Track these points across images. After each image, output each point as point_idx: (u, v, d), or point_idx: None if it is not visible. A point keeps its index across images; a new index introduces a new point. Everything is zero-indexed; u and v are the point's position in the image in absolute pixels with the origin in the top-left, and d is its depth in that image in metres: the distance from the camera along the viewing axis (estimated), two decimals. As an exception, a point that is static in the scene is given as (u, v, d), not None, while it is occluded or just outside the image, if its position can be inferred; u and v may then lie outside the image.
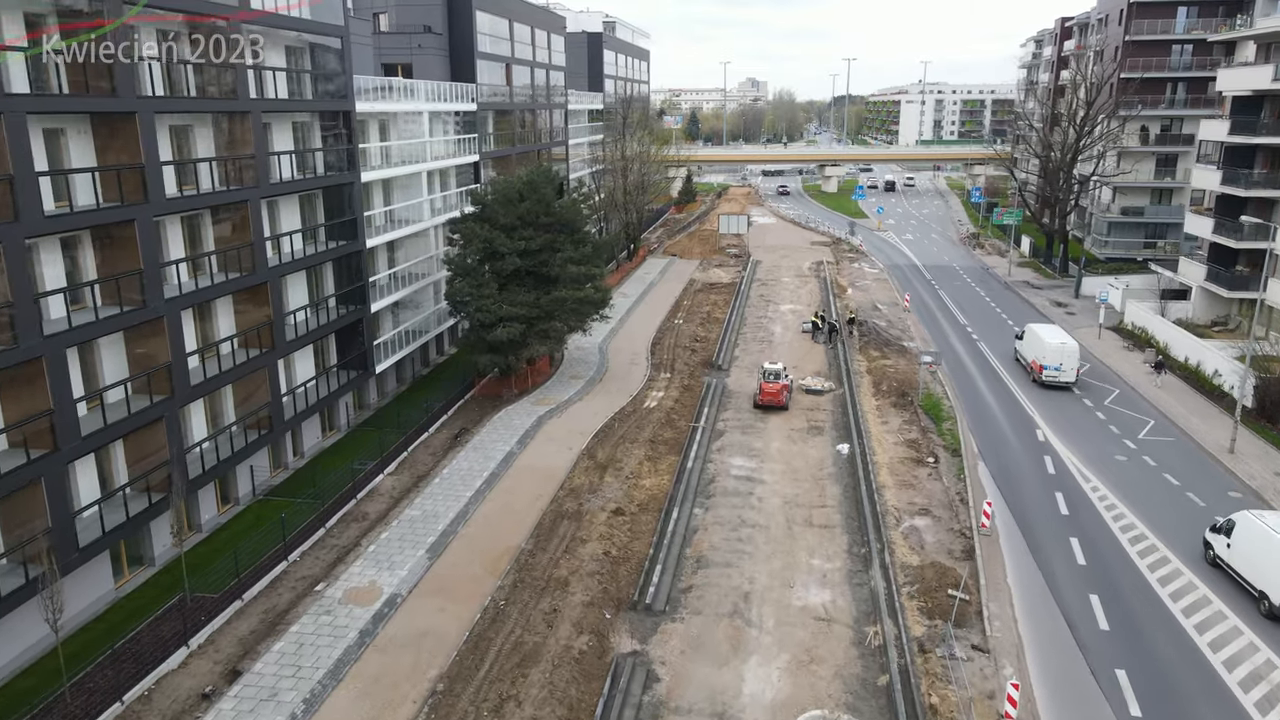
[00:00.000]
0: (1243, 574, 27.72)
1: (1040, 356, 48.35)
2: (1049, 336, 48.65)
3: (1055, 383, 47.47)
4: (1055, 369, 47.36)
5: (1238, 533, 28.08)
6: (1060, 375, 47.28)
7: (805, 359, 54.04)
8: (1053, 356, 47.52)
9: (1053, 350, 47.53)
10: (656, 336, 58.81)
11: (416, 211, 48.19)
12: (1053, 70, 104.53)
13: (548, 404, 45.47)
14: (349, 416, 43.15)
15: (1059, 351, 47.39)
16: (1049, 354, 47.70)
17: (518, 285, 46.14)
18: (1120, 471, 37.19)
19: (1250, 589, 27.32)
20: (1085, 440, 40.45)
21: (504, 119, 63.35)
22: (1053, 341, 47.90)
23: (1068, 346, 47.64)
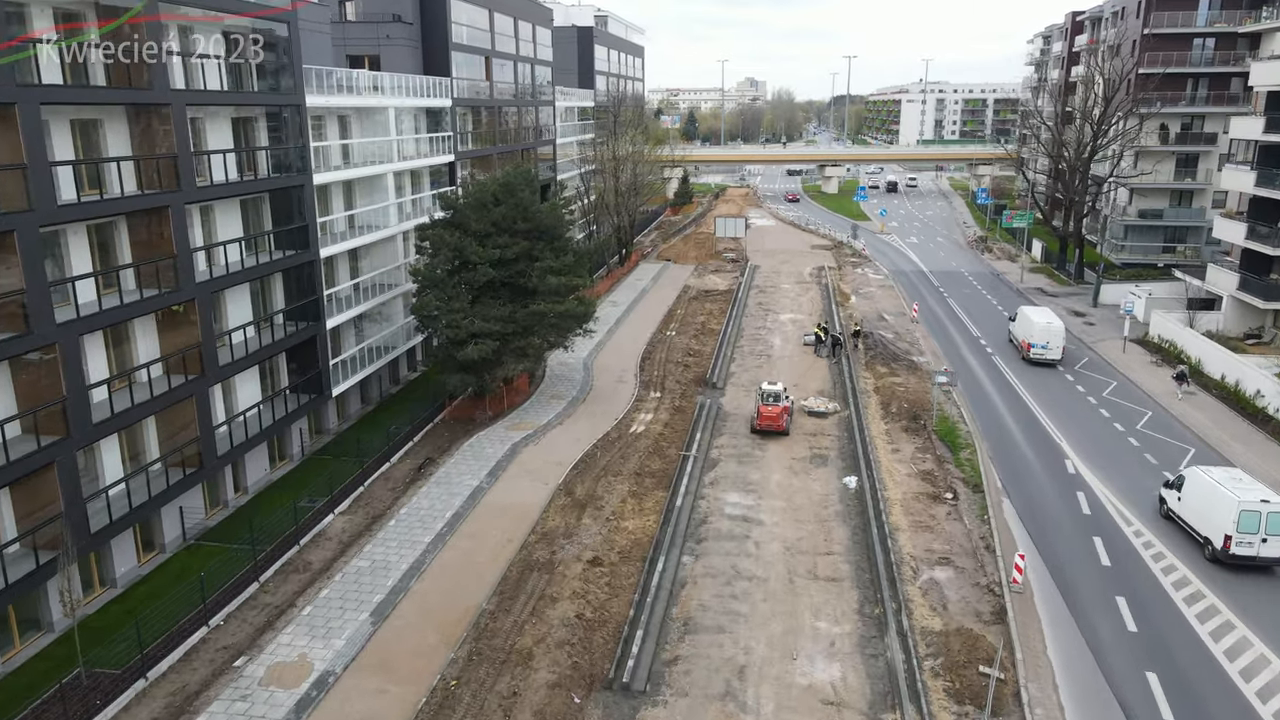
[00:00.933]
0: (1191, 523, 30.70)
1: (1029, 336, 52.24)
2: (1037, 318, 52.72)
3: (1043, 360, 51.33)
4: (1042, 347, 51.35)
5: (1187, 487, 31.17)
6: (1047, 353, 51.23)
7: (807, 375, 49.90)
8: (1040, 335, 51.42)
9: (1040, 330, 51.52)
10: (647, 350, 54.65)
11: (382, 216, 44.02)
12: (1063, 67, 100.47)
13: (524, 429, 41.31)
14: (303, 444, 38.97)
15: (1046, 331, 51.43)
16: (1037, 333, 51.60)
17: (492, 298, 42.01)
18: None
19: (1197, 536, 30.25)
20: (1120, 472, 36.31)
21: (484, 116, 59.19)
22: (1040, 322, 52.10)
23: (1054, 326, 51.67)
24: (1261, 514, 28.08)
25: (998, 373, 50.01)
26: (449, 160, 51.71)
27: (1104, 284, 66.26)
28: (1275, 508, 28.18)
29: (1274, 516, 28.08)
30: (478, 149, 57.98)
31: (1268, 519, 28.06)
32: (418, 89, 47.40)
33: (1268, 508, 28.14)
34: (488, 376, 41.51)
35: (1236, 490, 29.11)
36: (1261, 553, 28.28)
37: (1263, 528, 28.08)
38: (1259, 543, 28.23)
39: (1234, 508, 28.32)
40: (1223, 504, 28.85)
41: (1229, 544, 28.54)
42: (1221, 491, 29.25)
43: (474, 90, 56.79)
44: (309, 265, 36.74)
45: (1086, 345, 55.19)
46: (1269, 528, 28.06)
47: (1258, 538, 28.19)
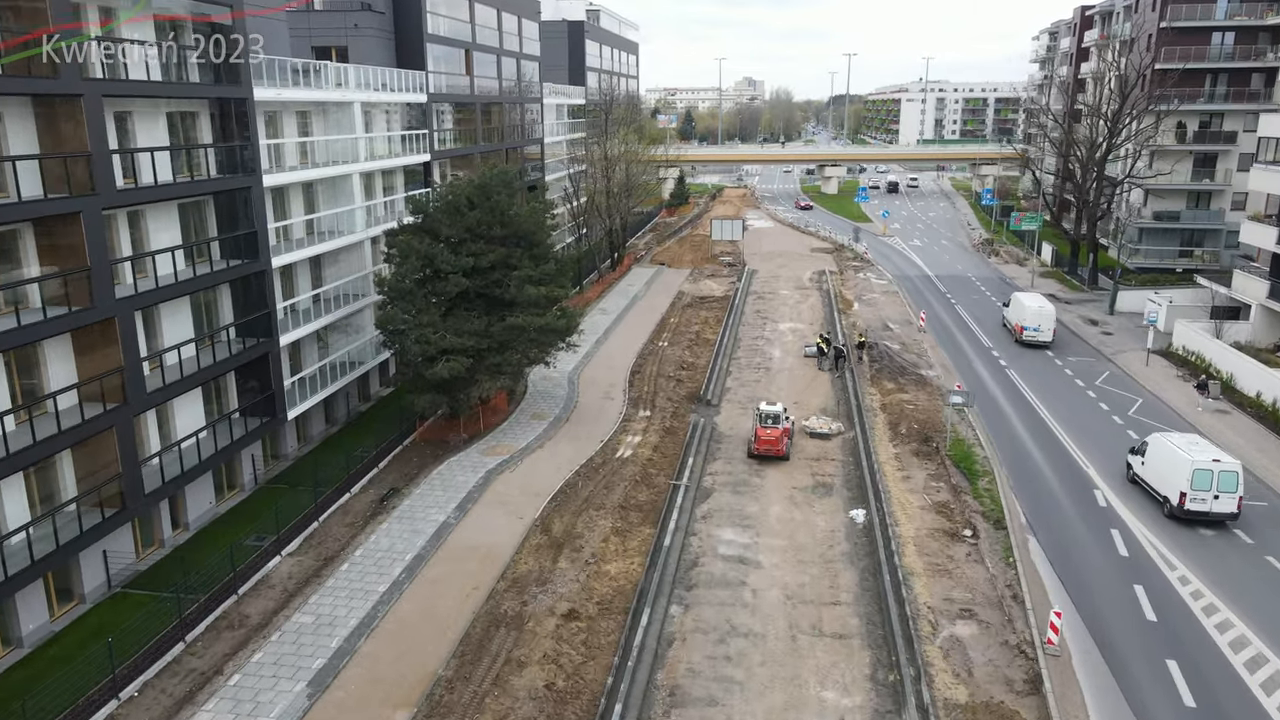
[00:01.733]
0: (1152, 484, 33.06)
1: (1021, 320, 54.75)
2: (1029, 303, 55.36)
3: (1034, 341, 53.81)
4: (1034, 330, 53.91)
5: (1149, 451, 33.63)
6: (1038, 335, 53.83)
7: (808, 391, 46.41)
8: (1032, 319, 53.99)
9: (1032, 313, 54.10)
10: (637, 363, 51.13)
11: (347, 221, 40.50)
12: (1071, 63, 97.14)
13: (500, 453, 37.79)
14: (256, 472, 35.44)
15: (1037, 314, 54.00)
16: (1029, 317, 54.18)
17: (466, 310, 38.54)
18: (1210, 552, 29.57)
19: (1156, 496, 32.65)
20: (1157, 506, 32.81)
21: (464, 113, 55.68)
22: (1032, 306, 54.72)
23: (1045, 310, 54.29)
24: (1213, 472, 30.62)
25: (1014, 390, 46.48)
26: (424, 160, 48.18)
27: (1121, 290, 62.75)
28: (1226, 467, 30.72)
29: (1225, 475, 30.60)
30: (458, 148, 54.47)
31: (1219, 477, 30.56)
32: (388, 83, 43.87)
33: (1219, 467, 30.69)
34: (461, 396, 38.02)
35: (1191, 452, 31.48)
36: (1214, 508, 30.72)
37: (1215, 485, 30.51)
38: (1211, 499, 30.64)
39: (1188, 467, 30.70)
40: (1179, 465, 31.22)
41: (1184, 501, 30.94)
42: (1178, 453, 31.62)
43: (453, 86, 53.28)
44: (259, 275, 33.20)
45: (1106, 357, 51.75)
46: (1221, 485, 30.50)
47: (1210, 494, 30.61)
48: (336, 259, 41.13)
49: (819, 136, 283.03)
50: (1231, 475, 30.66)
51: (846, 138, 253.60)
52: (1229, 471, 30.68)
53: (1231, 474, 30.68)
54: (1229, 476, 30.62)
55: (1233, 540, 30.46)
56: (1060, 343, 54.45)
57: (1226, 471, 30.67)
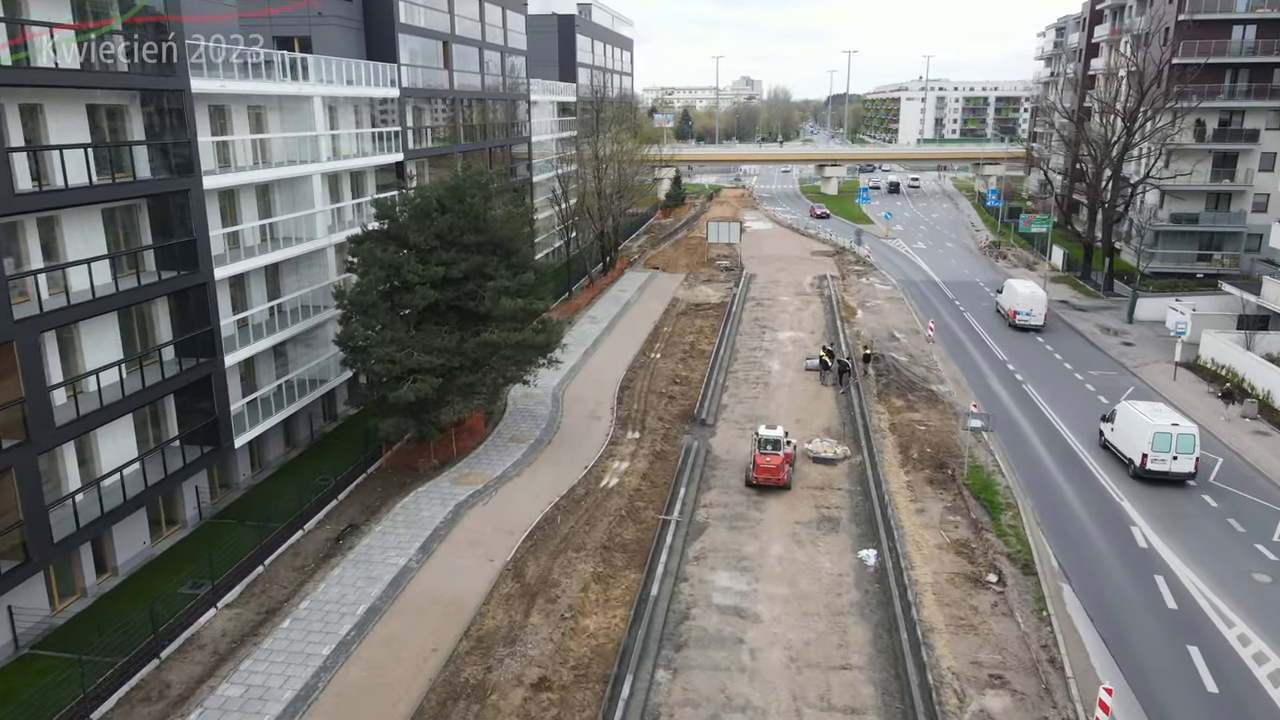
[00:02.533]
0: (1119, 448, 35.70)
1: (1014, 304, 57.52)
2: (1021, 289, 58.43)
3: (1027, 325, 56.58)
4: (1026, 314, 56.74)
5: (1118, 419, 36.29)
6: (1030, 319, 56.63)
7: (811, 408, 43.01)
8: (1024, 304, 56.85)
9: (1024, 298, 57.06)
10: (627, 377, 47.69)
11: (307, 226, 37.04)
12: (1080, 60, 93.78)
13: (473, 482, 34.32)
14: (200, 506, 31.99)
15: (1029, 299, 56.96)
16: (1021, 301, 56.97)
17: (436, 324, 35.11)
18: (1270, 603, 26.17)
19: (1123, 458, 35.24)
20: (1203, 546, 29.43)
21: (442, 110, 52.23)
22: (1024, 291, 57.83)
23: (1036, 294, 57.42)
24: (1172, 435, 33.32)
25: (1034, 408, 43.04)
26: (397, 160, 44.73)
27: (1140, 297, 59.36)
28: (1183, 430, 33.52)
29: (1183, 438, 33.33)
30: (436, 147, 51.05)
31: (1177, 439, 33.29)
32: (354, 76, 40.39)
33: (1177, 430, 33.46)
34: (430, 420, 34.56)
35: (1153, 417, 34.24)
36: (1172, 468, 33.42)
37: (1173, 447, 33.25)
38: (1170, 459, 33.34)
39: (1150, 431, 33.52)
40: (1142, 429, 34.02)
41: (1145, 461, 33.68)
42: (1142, 419, 34.37)
43: (430, 80, 49.83)
44: (200, 289, 29.72)
45: (1129, 370, 48.34)
46: (1179, 447, 33.26)
47: (1169, 455, 33.31)
48: (297, 267, 37.68)
49: (817, 136, 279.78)
50: (1189, 438, 33.46)
51: (846, 137, 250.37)
52: (1186, 434, 33.51)
53: (1189, 436, 33.49)
54: (1186, 439, 33.44)
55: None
56: (1080, 356, 51.08)
57: (1184, 434, 33.48)
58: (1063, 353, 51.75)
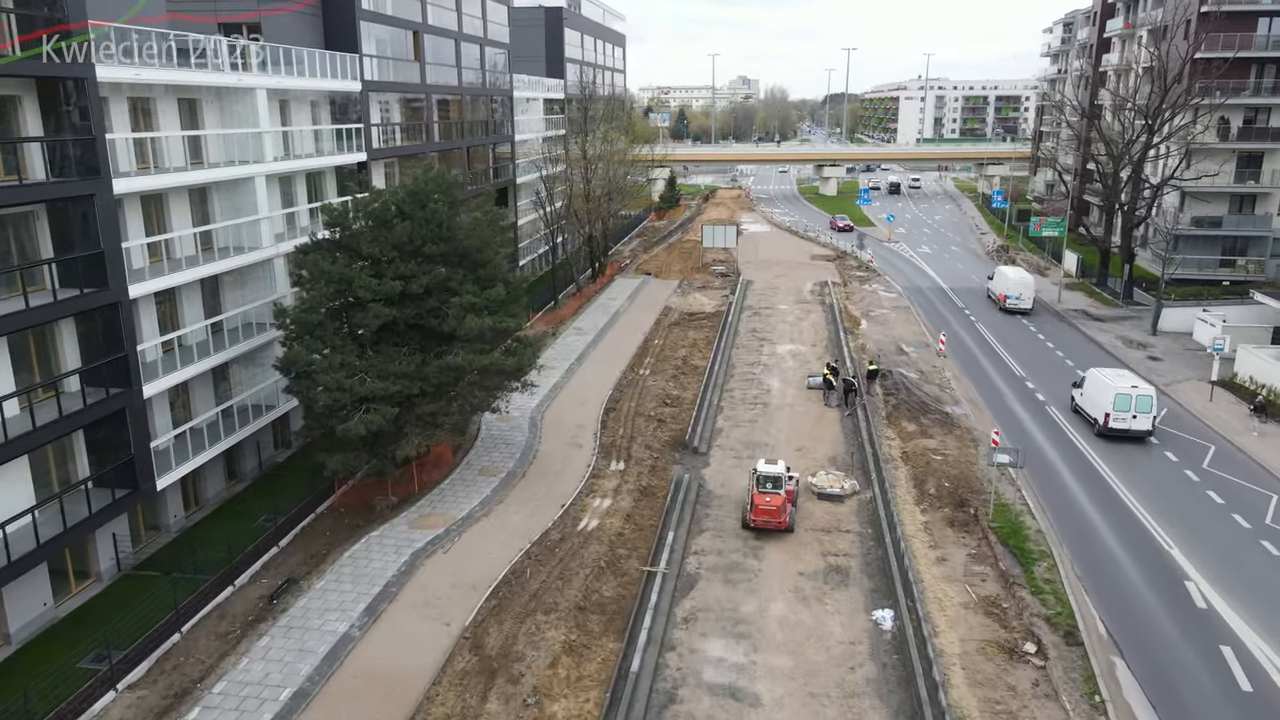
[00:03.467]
0: (1087, 410, 39.07)
1: (1005, 289, 60.83)
2: (1011, 274, 62.09)
3: (1016, 309, 59.80)
4: (1016, 298, 59.98)
5: (1086, 384, 39.67)
6: (1020, 303, 59.78)
7: (814, 434, 39.07)
8: (1014, 288, 60.18)
9: (1014, 283, 60.48)
10: (613, 397, 43.70)
11: (251, 234, 33.02)
12: (1090, 56, 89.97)
13: (434, 525, 30.32)
14: (119, 556, 27.96)
15: (1019, 284, 60.35)
16: (1011, 286, 60.34)
17: (395, 345, 31.12)
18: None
19: (1089, 419, 38.66)
20: (1272, 608, 25.50)
21: (413, 106, 48.24)
22: (1014, 277, 61.43)
23: (1025, 279, 61.09)
24: (1131, 396, 36.57)
25: (1062, 437, 38.99)
26: (359, 160, 40.72)
27: (1165, 307, 55.47)
28: (1142, 392, 36.81)
29: (1141, 399, 36.54)
30: (406, 145, 47.05)
31: (1136, 400, 36.50)
32: (307, 66, 36.34)
33: (1136, 391, 36.74)
34: (384, 455, 30.57)
35: (1115, 381, 37.65)
36: (1132, 426, 36.79)
37: (1133, 407, 36.50)
38: (1130, 418, 36.65)
39: (1111, 393, 36.91)
40: (1105, 391, 37.43)
41: (1108, 420, 37.08)
42: (1106, 383, 37.70)
43: (399, 73, 45.83)
44: (111, 308, 25.70)
45: (1160, 390, 44.32)
46: (1138, 407, 36.48)
47: (1129, 415, 36.58)
48: (242, 280, 33.70)
49: (815, 136, 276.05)
50: (1147, 399, 36.75)
51: (844, 137, 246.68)
52: (1144, 396, 36.77)
53: (1147, 398, 36.78)
54: (1144, 400, 36.67)
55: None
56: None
57: (1142, 396, 36.74)
58: (1084, 368, 47.74)
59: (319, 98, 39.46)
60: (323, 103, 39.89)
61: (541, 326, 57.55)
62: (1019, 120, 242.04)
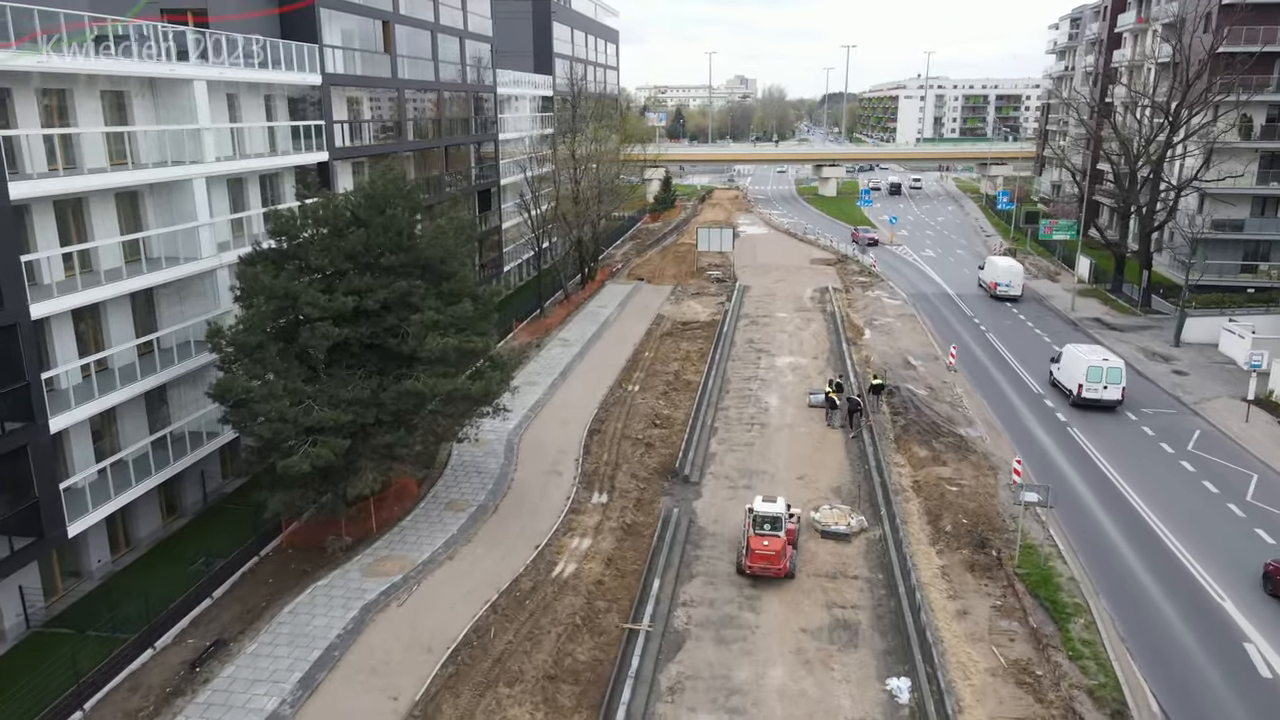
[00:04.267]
0: (1062, 382, 42.47)
1: (995, 277, 64.44)
2: (1000, 263, 65.94)
3: (1005, 295, 63.27)
4: (1006, 285, 63.37)
5: (1063, 359, 43.06)
6: (1009, 290, 63.35)
7: (816, 459, 35.75)
8: (1004, 276, 63.77)
9: (1004, 271, 64.18)
10: (599, 416, 40.33)
11: (188, 243, 29.60)
12: (1100, 52, 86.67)
13: (389, 571, 26.93)
14: (27, 611, 24.57)
15: (1008, 272, 64.01)
16: (1001, 274, 64.00)
17: (348, 369, 27.74)
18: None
19: (1065, 390, 42.02)
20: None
21: (384, 102, 44.84)
22: (1003, 265, 65.26)
23: (1014, 268, 64.65)
24: (1102, 368, 39.60)
25: (1088, 462, 35.66)
26: (320, 160, 37.33)
27: (1189, 317, 52.14)
28: (1112, 364, 39.86)
29: (1111, 370, 39.56)
30: (376, 145, 43.67)
31: (1107, 372, 39.52)
32: (256, 55, 32.88)
33: (1106, 364, 39.78)
34: (335, 492, 27.18)
35: (1088, 355, 40.86)
36: (1103, 396, 39.62)
37: (1103, 378, 39.43)
38: (1101, 389, 39.52)
39: (1084, 365, 40.00)
40: (1078, 364, 40.35)
41: (1080, 390, 39.88)
42: (1079, 356, 40.76)
43: (368, 66, 42.43)
44: (7, 332, 22.30)
45: (1189, 409, 41.12)
46: (1108, 378, 39.42)
47: (1100, 385, 39.47)
48: (181, 295, 30.29)
49: (813, 135, 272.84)
50: (1116, 370, 39.83)
51: (843, 136, 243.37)
52: (1114, 368, 39.86)
53: (1116, 369, 39.88)
54: (1114, 371, 39.79)
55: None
56: (1129, 388, 43.84)
57: (1112, 368, 39.85)
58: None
59: (276, 92, 36.06)
60: (280, 98, 36.48)
61: (526, 337, 54.23)
62: (1020, 119, 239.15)
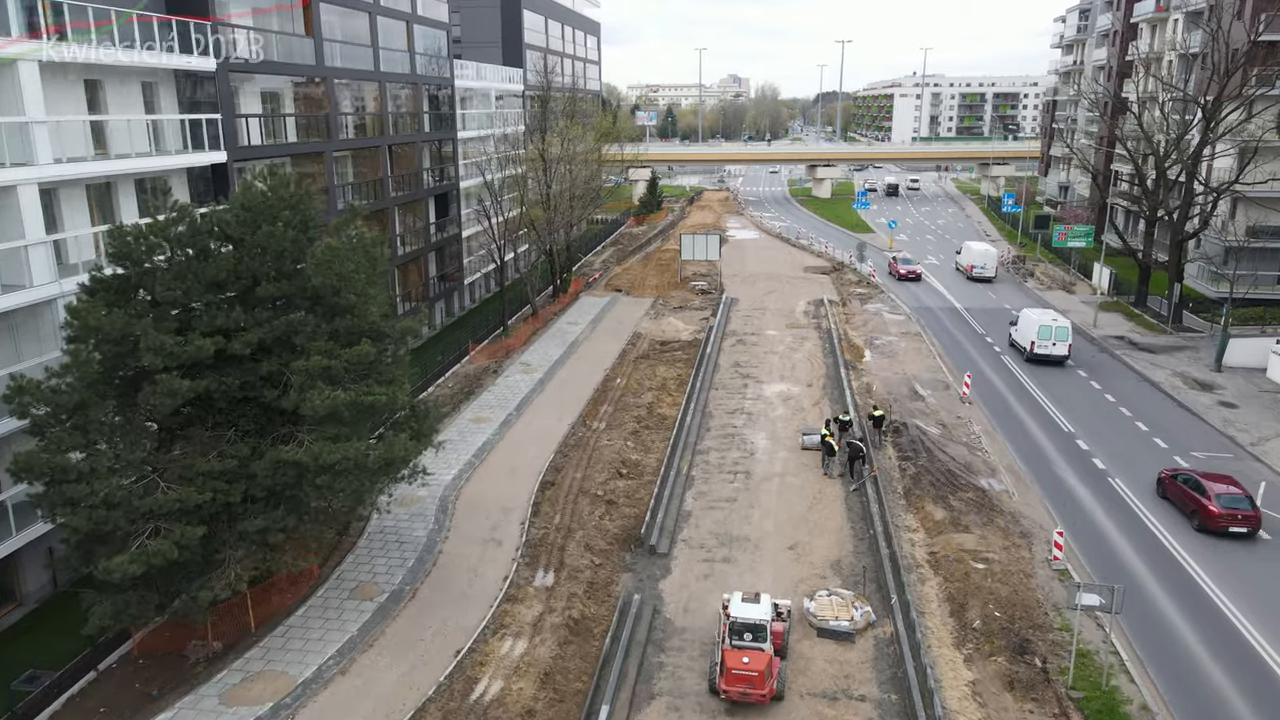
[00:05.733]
0: (1019, 341, 48.10)
1: (971, 261, 68.06)
2: (976, 247, 68.88)
3: (981, 277, 66.84)
4: (981, 267, 67.10)
5: (1020, 321, 48.81)
6: (984, 271, 67.00)
7: (811, 520, 29.72)
8: (979, 259, 67.62)
9: (979, 255, 67.93)
10: (555, 463, 34.25)
11: (10, 267, 23.37)
12: (1115, 43, 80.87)
13: (257, 697, 20.76)
14: None
15: (983, 255, 67.90)
16: (976, 258, 67.76)
17: (211, 431, 21.60)
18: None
19: (1020, 348, 47.71)
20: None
21: (307, 95, 38.71)
22: (978, 249, 68.67)
23: (989, 251, 68.46)
24: (1052, 326, 46.04)
25: (1148, 537, 29.72)
26: (215, 161, 31.14)
27: (1231, 338, 46.22)
28: (1060, 323, 46.27)
29: (1059, 329, 45.91)
30: (299, 143, 37.52)
31: (1056, 330, 45.86)
32: (129, 36, 26.69)
33: (1055, 323, 46.26)
34: (188, 596, 20.99)
35: (1040, 316, 47.51)
36: (1052, 351, 45.85)
37: (1053, 336, 45.78)
38: (1050, 345, 45.86)
39: (1036, 325, 46.48)
40: (1032, 324, 46.94)
41: (1033, 347, 46.38)
42: (1032, 318, 47.53)
43: (286, 51, 36.29)
44: None
45: (1245, 449, 35.21)
46: (1056, 336, 45.76)
47: (1050, 343, 45.84)
48: (12, 331, 24.10)
49: (807, 134, 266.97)
50: (1064, 329, 45.69)
51: (838, 135, 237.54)
52: (1062, 326, 45.74)
53: (1064, 328, 45.71)
54: (1062, 330, 45.59)
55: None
56: (1170, 424, 37.97)
57: (1060, 326, 45.75)
58: (1147, 420, 38.54)
59: (161, 79, 29.89)
60: (166, 86, 30.31)
61: (484, 359, 48.11)
62: (1019, 118, 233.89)
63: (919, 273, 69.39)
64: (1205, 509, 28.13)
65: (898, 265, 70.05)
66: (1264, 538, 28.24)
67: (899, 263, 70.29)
